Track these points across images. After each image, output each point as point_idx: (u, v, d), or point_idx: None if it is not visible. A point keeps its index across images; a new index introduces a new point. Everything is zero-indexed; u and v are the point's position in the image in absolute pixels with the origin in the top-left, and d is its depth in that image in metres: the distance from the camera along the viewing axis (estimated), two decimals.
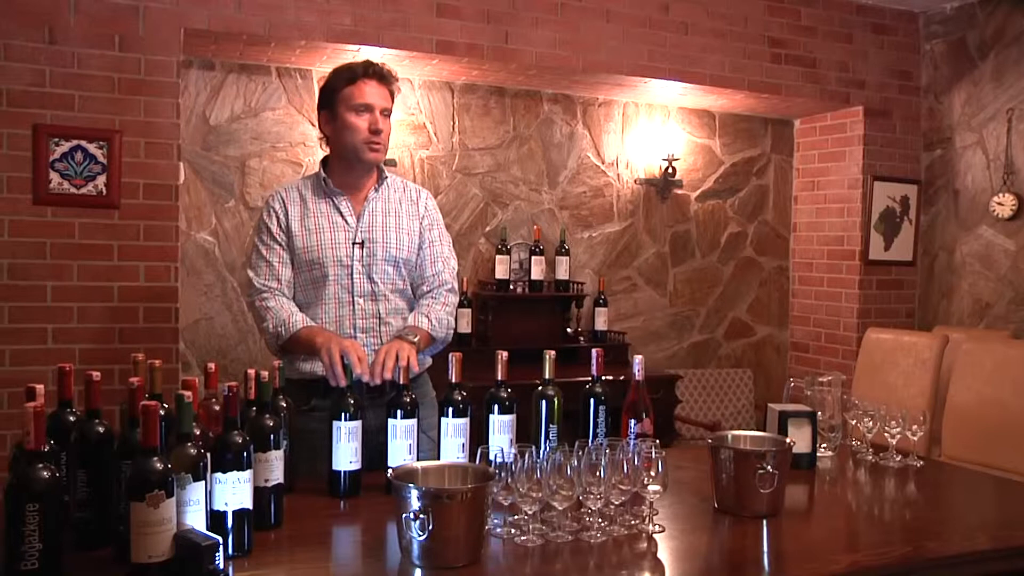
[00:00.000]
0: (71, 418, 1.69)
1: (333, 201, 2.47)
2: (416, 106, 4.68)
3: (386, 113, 2.45)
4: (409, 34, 4.02)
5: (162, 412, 1.54)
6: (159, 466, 1.41)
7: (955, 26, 5.11)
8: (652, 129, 5.24)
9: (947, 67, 5.17)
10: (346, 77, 2.42)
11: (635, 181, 5.23)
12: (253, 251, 2.50)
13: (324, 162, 2.54)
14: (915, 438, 2.44)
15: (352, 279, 2.42)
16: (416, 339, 2.35)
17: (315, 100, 4.43)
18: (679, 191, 5.33)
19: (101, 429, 1.62)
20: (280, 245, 2.44)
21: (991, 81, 4.93)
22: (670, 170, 5.19)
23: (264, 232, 2.46)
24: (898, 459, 2.43)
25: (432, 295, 2.51)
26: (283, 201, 2.47)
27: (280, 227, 2.44)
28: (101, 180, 3.57)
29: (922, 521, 2.00)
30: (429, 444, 2.24)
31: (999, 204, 4.84)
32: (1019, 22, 4.77)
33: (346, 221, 2.45)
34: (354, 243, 2.43)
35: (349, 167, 2.48)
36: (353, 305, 2.42)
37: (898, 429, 2.44)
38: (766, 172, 5.62)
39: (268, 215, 2.47)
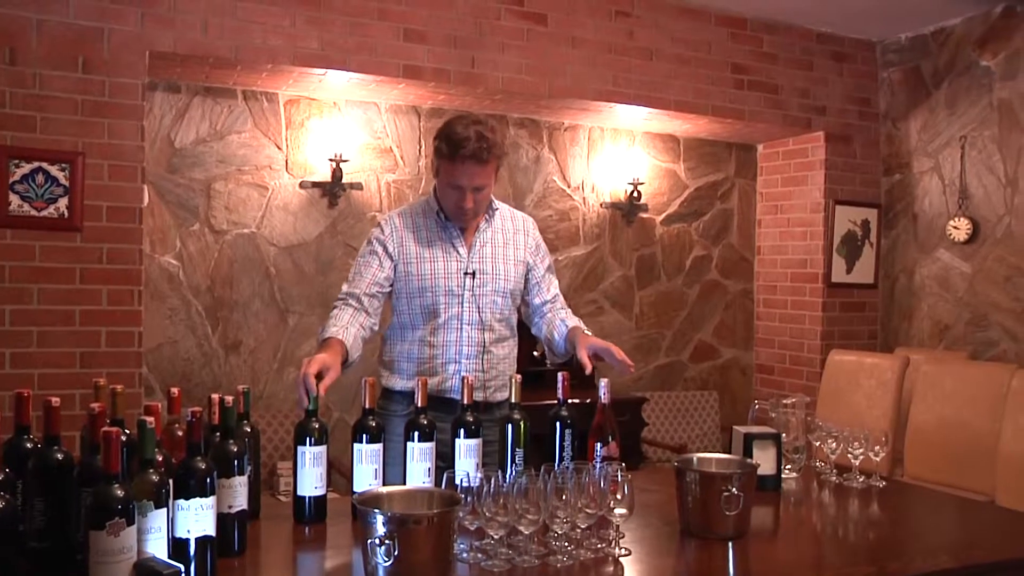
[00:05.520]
0: (28, 445, 1.65)
1: (446, 231, 2.49)
2: (383, 130, 4.69)
3: (480, 189, 2.40)
4: (376, 58, 4.04)
5: (124, 438, 1.52)
6: (120, 493, 1.39)
7: (910, 55, 5.24)
8: (617, 153, 5.29)
9: (904, 94, 5.29)
10: (445, 153, 2.36)
11: (601, 205, 5.27)
12: (356, 259, 2.53)
13: (436, 189, 2.54)
14: (878, 459, 2.47)
15: (463, 307, 2.46)
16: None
17: (281, 123, 4.49)
18: (644, 215, 5.38)
19: (60, 456, 1.59)
20: (378, 266, 2.45)
21: (945, 109, 5.05)
22: (635, 194, 5.24)
23: (369, 248, 2.49)
24: (861, 480, 2.46)
25: (561, 306, 2.64)
26: (397, 227, 2.49)
27: (386, 251, 2.46)
28: (63, 203, 3.52)
29: (885, 541, 2.02)
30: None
31: (955, 228, 4.94)
32: (968, 54, 4.90)
33: (458, 252, 2.48)
34: (465, 273, 2.46)
35: None
36: (461, 331, 2.46)
37: (861, 450, 2.46)
38: (730, 196, 5.69)
39: (379, 235, 2.48)
